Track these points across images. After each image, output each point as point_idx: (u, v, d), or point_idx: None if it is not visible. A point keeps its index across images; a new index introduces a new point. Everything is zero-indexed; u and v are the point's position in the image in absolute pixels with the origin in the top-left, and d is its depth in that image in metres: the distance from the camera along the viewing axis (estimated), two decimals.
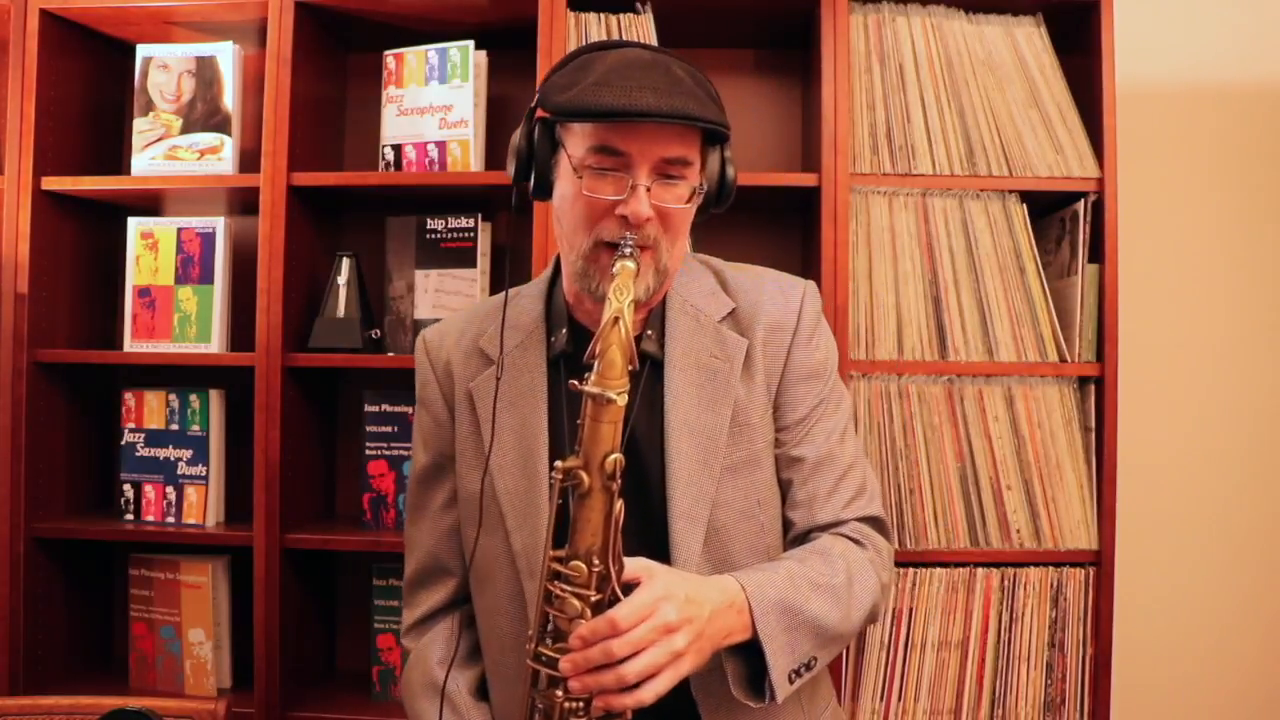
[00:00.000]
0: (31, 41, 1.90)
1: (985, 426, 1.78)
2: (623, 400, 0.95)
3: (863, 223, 1.80)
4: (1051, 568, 1.76)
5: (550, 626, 1.00)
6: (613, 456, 0.95)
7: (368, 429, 1.98)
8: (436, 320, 1.92)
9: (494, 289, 2.02)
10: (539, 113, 1.10)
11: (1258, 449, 2.10)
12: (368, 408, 1.98)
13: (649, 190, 1.06)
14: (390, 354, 1.97)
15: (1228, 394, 2.11)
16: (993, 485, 1.78)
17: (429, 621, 1.25)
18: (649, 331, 1.17)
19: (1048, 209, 1.92)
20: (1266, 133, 2.11)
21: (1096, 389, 1.78)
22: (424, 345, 1.27)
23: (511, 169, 1.14)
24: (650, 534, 1.11)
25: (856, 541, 1.15)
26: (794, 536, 1.18)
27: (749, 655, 1.05)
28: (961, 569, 1.76)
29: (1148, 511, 2.09)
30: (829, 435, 1.18)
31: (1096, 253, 1.79)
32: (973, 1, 1.83)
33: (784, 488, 1.18)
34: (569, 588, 0.97)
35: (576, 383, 0.97)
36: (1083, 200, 1.79)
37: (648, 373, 1.16)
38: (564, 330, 1.18)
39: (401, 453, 1.97)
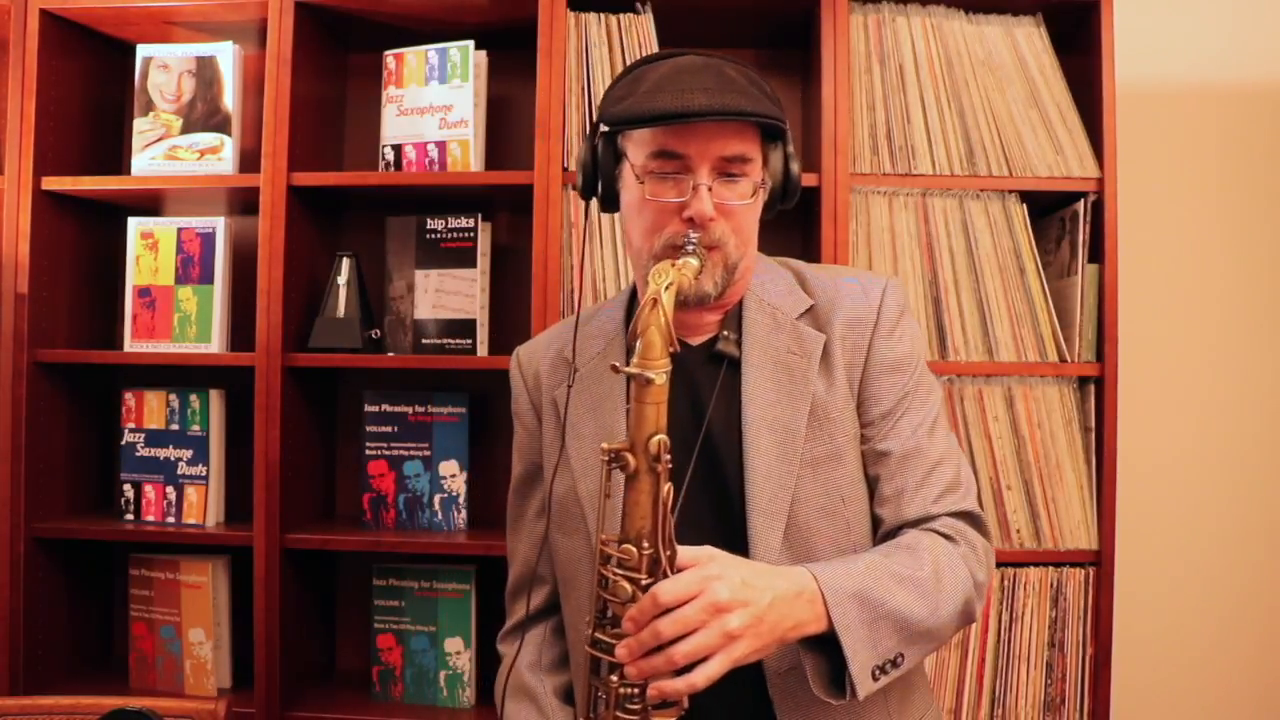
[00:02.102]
0: (31, 41, 1.91)
1: (985, 426, 1.78)
2: (661, 380, 0.96)
3: (863, 223, 1.80)
4: (1051, 568, 1.76)
5: (608, 613, 1.00)
6: (657, 438, 0.95)
7: (368, 429, 1.98)
8: (435, 319, 1.94)
9: (494, 289, 2.03)
10: (601, 128, 1.14)
11: (1258, 449, 2.10)
12: (368, 408, 1.98)
13: (710, 189, 1.08)
14: (390, 354, 1.97)
15: (1228, 394, 2.11)
16: (993, 485, 1.78)
17: (523, 628, 1.27)
18: (725, 332, 1.18)
19: (1048, 209, 1.92)
20: (1266, 133, 2.11)
21: (1096, 389, 1.78)
22: (517, 359, 1.31)
23: (579, 183, 1.17)
24: (729, 532, 1.10)
25: (948, 537, 1.11)
26: (884, 533, 1.15)
27: (828, 650, 1.02)
28: None
29: (1148, 511, 2.09)
30: (915, 429, 1.16)
31: (1096, 253, 1.79)
32: (973, 1, 1.83)
33: (872, 484, 1.16)
34: (620, 571, 0.97)
35: (617, 365, 1.00)
36: (1083, 200, 1.79)
37: (725, 371, 1.16)
38: None
39: (401, 453, 1.97)
